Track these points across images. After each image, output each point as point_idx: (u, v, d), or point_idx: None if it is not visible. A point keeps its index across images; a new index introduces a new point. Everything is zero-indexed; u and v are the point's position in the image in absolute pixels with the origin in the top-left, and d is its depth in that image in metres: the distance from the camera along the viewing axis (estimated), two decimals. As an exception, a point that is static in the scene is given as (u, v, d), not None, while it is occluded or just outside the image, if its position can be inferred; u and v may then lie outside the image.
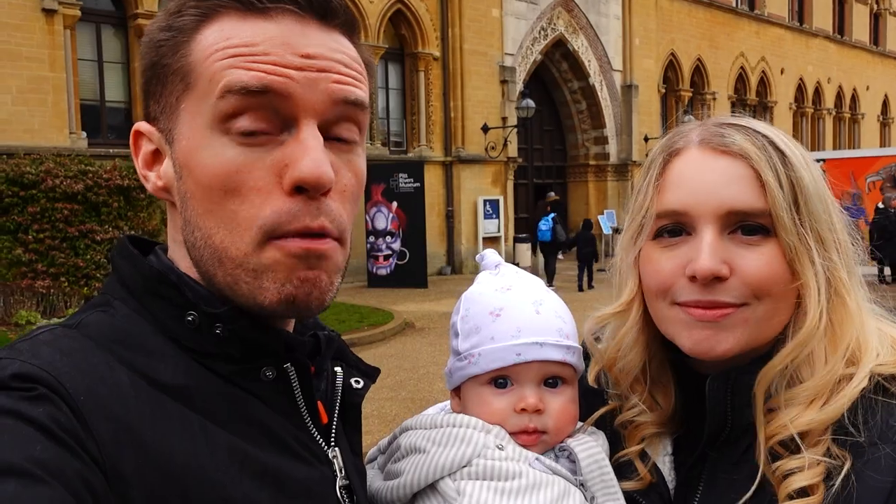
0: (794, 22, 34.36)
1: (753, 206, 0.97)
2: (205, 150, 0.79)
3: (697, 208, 0.99)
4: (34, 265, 10.91)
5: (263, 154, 0.79)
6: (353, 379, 0.98)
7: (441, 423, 1.09)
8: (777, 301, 0.98)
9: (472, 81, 20.58)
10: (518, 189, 22.80)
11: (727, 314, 0.97)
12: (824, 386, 0.95)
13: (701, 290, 0.98)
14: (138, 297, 0.84)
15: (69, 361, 0.73)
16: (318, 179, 0.78)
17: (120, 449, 0.70)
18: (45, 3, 13.85)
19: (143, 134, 0.87)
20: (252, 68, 0.77)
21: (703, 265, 0.96)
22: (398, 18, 19.81)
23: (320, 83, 0.80)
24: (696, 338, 0.99)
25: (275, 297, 0.80)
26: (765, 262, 0.97)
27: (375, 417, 7.18)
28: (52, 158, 11.56)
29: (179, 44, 0.81)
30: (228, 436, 0.79)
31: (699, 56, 29.06)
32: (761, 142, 1.00)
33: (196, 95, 0.80)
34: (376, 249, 17.74)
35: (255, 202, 0.78)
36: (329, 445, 0.91)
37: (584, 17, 23.85)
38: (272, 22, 0.80)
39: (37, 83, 13.75)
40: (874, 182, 16.97)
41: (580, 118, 25.28)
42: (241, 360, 0.84)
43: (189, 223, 0.83)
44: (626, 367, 1.13)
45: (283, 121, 0.79)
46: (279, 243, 0.79)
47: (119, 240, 0.90)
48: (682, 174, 1.02)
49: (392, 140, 20.35)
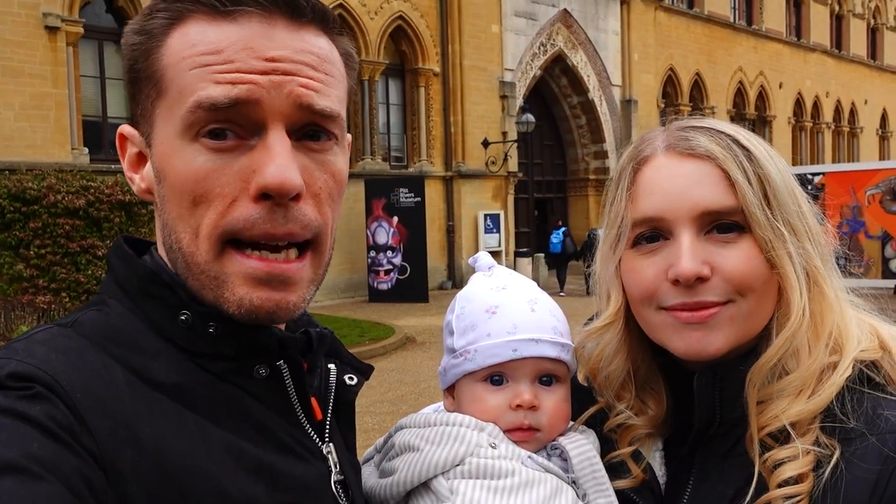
0: (791, 37, 34.47)
1: (725, 204, 0.99)
2: (176, 157, 0.81)
3: (672, 212, 1.01)
4: (35, 280, 10.91)
5: (232, 160, 0.79)
6: (346, 376, 0.98)
7: (435, 421, 1.10)
8: (760, 296, 1.00)
9: (472, 97, 20.64)
10: (518, 203, 22.81)
11: (714, 314, 0.99)
12: (810, 376, 0.97)
13: (685, 293, 1.00)
14: (133, 297, 0.85)
15: (65, 360, 0.74)
16: (281, 185, 0.77)
17: (117, 446, 0.71)
18: (47, 21, 13.93)
19: (127, 137, 0.89)
20: (220, 81, 0.78)
21: (684, 268, 0.98)
22: (398, 35, 19.90)
23: (285, 87, 0.80)
24: (688, 340, 1.01)
25: (235, 309, 0.81)
26: (743, 258, 0.99)
27: (376, 431, 7.17)
28: (54, 174, 11.59)
29: (150, 48, 0.82)
30: (223, 432, 0.79)
31: (698, 71, 29.14)
32: (725, 141, 1.02)
33: (167, 102, 0.82)
34: (377, 264, 17.73)
35: (219, 209, 0.79)
36: (323, 441, 0.92)
37: (583, 32, 23.94)
38: (236, 25, 0.79)
39: (39, 99, 13.81)
40: (874, 195, 16.94)
41: (580, 133, 25.33)
42: (234, 358, 0.84)
43: (166, 226, 0.84)
44: (610, 375, 1.14)
45: (251, 126, 0.80)
46: (240, 258, 0.80)
47: (116, 240, 0.91)
48: (652, 181, 1.04)
49: (393, 155, 20.39)
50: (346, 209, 17.44)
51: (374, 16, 18.96)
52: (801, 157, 34.42)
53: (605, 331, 1.13)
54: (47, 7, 13.99)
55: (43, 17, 13.92)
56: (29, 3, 13.81)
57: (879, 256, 16.67)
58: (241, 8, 0.79)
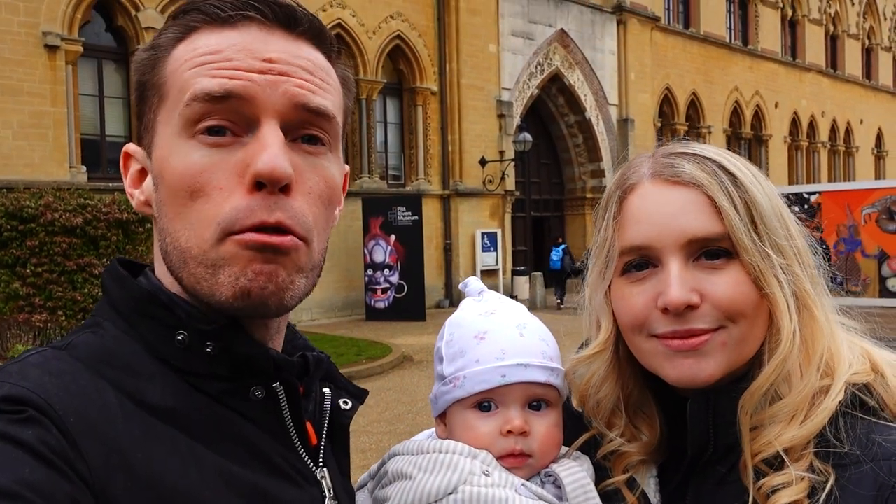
0: (787, 57, 34.73)
1: (712, 231, 0.99)
2: (174, 156, 0.82)
3: (659, 241, 1.01)
4: (31, 299, 10.86)
5: (227, 155, 0.81)
6: (341, 400, 0.98)
7: (427, 448, 1.09)
8: (751, 321, 1.00)
9: (469, 116, 20.74)
10: (516, 222, 22.85)
11: (705, 341, 0.99)
12: (802, 401, 0.97)
13: (675, 321, 0.99)
14: (127, 318, 0.85)
15: (58, 383, 0.73)
16: (271, 172, 0.79)
17: (109, 470, 0.70)
18: (47, 40, 14.00)
19: (131, 155, 0.91)
20: (216, 75, 0.80)
21: (673, 297, 0.98)
22: (396, 54, 20.02)
23: (280, 85, 0.82)
24: (679, 368, 1.00)
25: (229, 291, 0.80)
26: (732, 283, 0.99)
27: (373, 451, 7.14)
28: (51, 192, 11.57)
29: (158, 60, 0.85)
30: (216, 457, 0.79)
31: (694, 90, 29.32)
32: (711, 167, 1.02)
33: (168, 106, 0.83)
34: (374, 282, 17.72)
35: (217, 200, 0.80)
36: (318, 466, 0.91)
37: (580, 52, 24.10)
38: (237, 31, 0.83)
39: (38, 118, 13.85)
40: (870, 214, 17.00)
41: (577, 151, 25.43)
42: (230, 380, 0.84)
43: (163, 231, 0.85)
44: (599, 402, 1.13)
45: (246, 122, 0.82)
46: (236, 237, 0.79)
47: (110, 263, 0.91)
48: (639, 209, 1.04)
49: (390, 174, 20.44)
50: (344, 227, 17.46)
51: (373, 35, 19.08)
52: (797, 176, 34.57)
53: (595, 359, 1.12)
54: (47, 26, 14.07)
55: (43, 35, 13.99)
56: (29, 23, 13.88)
57: (876, 275, 16.70)
58: (242, 13, 0.83)
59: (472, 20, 20.73)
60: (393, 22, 19.57)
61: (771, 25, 33.54)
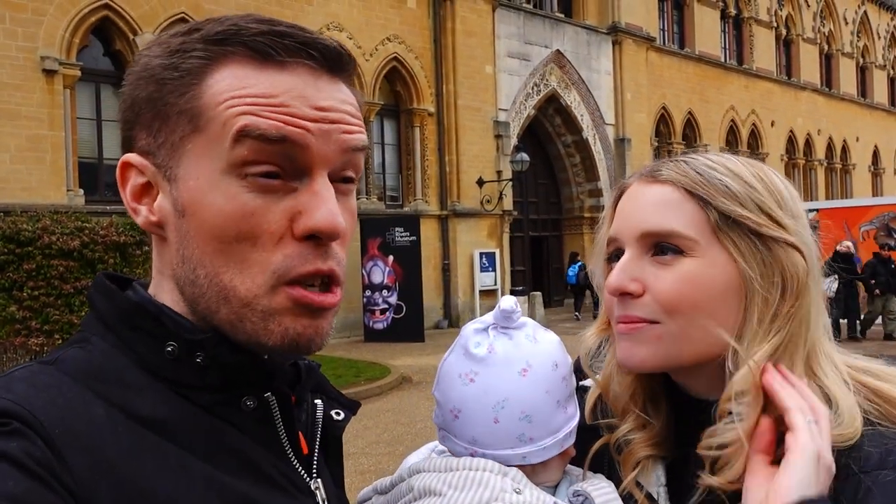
0: (782, 76, 34.95)
1: (664, 227, 1.03)
2: (218, 193, 0.80)
3: (622, 233, 1.08)
4: (28, 322, 10.83)
5: (277, 200, 0.80)
6: (333, 411, 0.97)
7: (457, 466, 1.07)
8: (690, 319, 1.01)
9: (466, 136, 20.81)
10: (514, 242, 22.85)
11: (638, 328, 1.04)
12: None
13: (620, 306, 1.06)
14: (116, 331, 0.83)
15: (44, 396, 0.73)
16: (333, 229, 0.81)
17: (96, 482, 0.70)
18: (45, 64, 14.07)
19: (134, 166, 0.86)
20: (270, 117, 0.79)
21: (609, 281, 1.06)
22: (393, 76, 20.14)
23: (333, 134, 0.82)
24: (621, 349, 1.07)
25: (278, 340, 0.81)
26: (672, 280, 1.02)
27: (372, 472, 7.08)
28: (48, 216, 11.57)
29: (188, 85, 0.81)
30: (208, 467, 0.78)
31: (690, 109, 29.47)
32: (693, 168, 1.06)
33: (206, 138, 0.80)
34: (373, 303, 17.68)
35: (267, 245, 0.80)
36: (311, 477, 0.90)
37: (576, 72, 24.24)
38: (288, 73, 0.81)
39: (35, 141, 13.88)
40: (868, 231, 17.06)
41: (574, 171, 25.50)
42: (221, 390, 0.83)
43: (189, 260, 0.83)
44: (618, 387, 1.15)
45: (296, 170, 0.81)
46: (290, 291, 0.80)
47: (96, 277, 0.90)
48: (622, 205, 1.12)
49: (388, 194, 20.48)
50: (342, 249, 17.44)
51: (370, 57, 19.19)
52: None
53: (597, 336, 1.18)
54: (45, 51, 14.14)
55: (41, 60, 14.06)
56: (27, 47, 13.95)
57: (875, 292, 16.69)
58: (296, 60, 0.81)
59: (468, 42, 20.87)
60: (389, 44, 19.70)
61: (765, 45, 33.77)
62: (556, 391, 1.10)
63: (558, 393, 1.10)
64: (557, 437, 1.10)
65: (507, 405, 1.07)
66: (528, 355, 1.09)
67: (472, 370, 1.09)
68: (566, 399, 1.12)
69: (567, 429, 1.12)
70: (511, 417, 1.07)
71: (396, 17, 19.95)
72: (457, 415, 1.09)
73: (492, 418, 1.07)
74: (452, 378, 1.11)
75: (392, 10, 19.86)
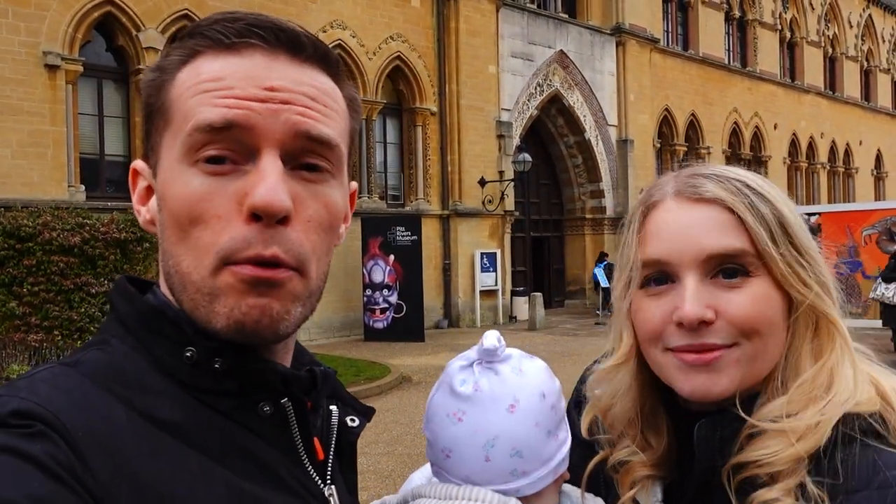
0: (785, 79, 34.91)
1: (731, 247, 1.00)
2: (175, 181, 0.82)
3: (678, 256, 1.02)
4: (28, 318, 10.84)
5: (227, 183, 0.81)
6: (348, 417, 0.97)
7: (456, 495, 1.05)
8: (766, 339, 1.00)
9: (469, 136, 20.78)
10: (515, 242, 22.82)
11: (718, 357, 1.00)
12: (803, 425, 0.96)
13: (690, 335, 1.00)
14: (135, 335, 0.85)
15: (67, 398, 0.74)
16: (268, 206, 0.79)
17: (118, 485, 0.71)
18: (48, 60, 14.04)
19: (139, 172, 0.91)
20: (217, 104, 0.81)
21: (687, 312, 0.99)
22: (396, 75, 20.11)
23: (282, 114, 0.82)
24: (693, 383, 1.01)
25: (224, 321, 0.81)
26: (748, 301, 1.00)
27: (371, 473, 7.06)
28: (49, 211, 11.58)
29: (163, 83, 0.85)
30: (225, 472, 0.79)
31: (693, 111, 29.42)
32: (734, 185, 1.04)
33: (172, 131, 0.84)
34: (373, 303, 17.67)
35: (215, 229, 0.80)
36: (325, 483, 0.90)
37: (580, 73, 24.20)
38: (239, 56, 0.83)
39: (37, 137, 13.86)
40: (870, 235, 17.01)
41: (576, 172, 25.47)
42: (238, 395, 0.84)
43: (166, 252, 0.85)
44: (620, 411, 1.13)
45: (247, 151, 0.82)
46: (233, 268, 0.80)
47: (117, 280, 0.92)
48: (660, 225, 1.06)
49: (390, 194, 20.46)
50: (343, 247, 17.43)
51: (373, 56, 19.17)
52: (797, 197, 34.61)
53: (618, 370, 1.13)
54: (48, 46, 14.11)
55: (43, 55, 14.03)
56: (29, 42, 13.93)
57: (877, 296, 16.66)
58: (245, 41, 0.82)
59: (471, 41, 20.83)
60: (393, 43, 19.67)
61: (769, 47, 33.72)
62: (546, 422, 1.07)
63: (548, 423, 1.08)
64: (550, 466, 1.08)
65: (497, 443, 1.04)
66: (515, 390, 1.06)
67: (459, 409, 1.06)
68: (556, 426, 1.10)
69: (560, 456, 1.10)
70: (502, 455, 1.04)
71: (400, 16, 19.92)
72: (448, 454, 1.07)
73: (483, 457, 1.05)
74: (441, 417, 1.08)
75: (396, 9, 19.82)
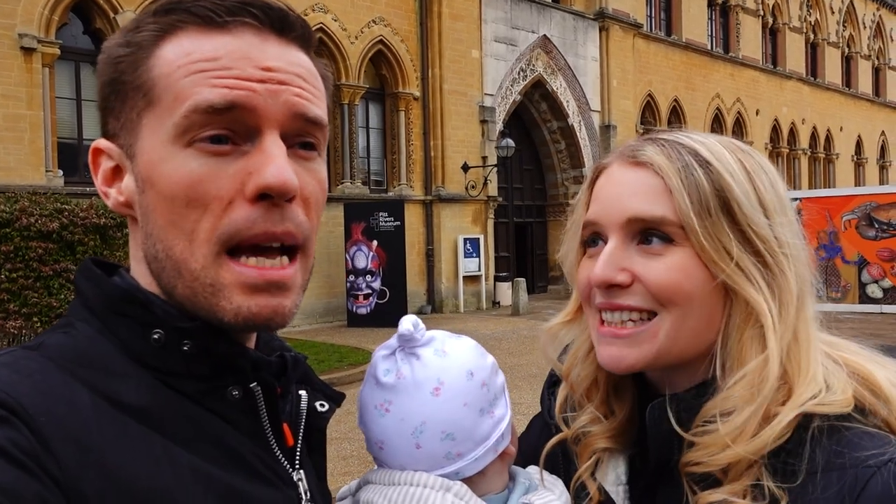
0: (767, 64, 35.05)
1: (653, 214, 0.98)
2: (168, 163, 0.80)
3: (605, 218, 1.02)
4: (6, 305, 10.71)
5: (226, 164, 0.80)
6: (317, 402, 0.96)
7: (399, 480, 1.03)
8: (685, 311, 0.97)
9: (452, 121, 20.71)
10: (498, 228, 22.83)
11: (631, 333, 0.99)
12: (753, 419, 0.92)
13: (604, 295, 1.00)
14: (101, 318, 0.83)
15: (29, 383, 0.72)
16: (283, 185, 0.78)
17: (82, 470, 0.70)
18: (23, 42, 13.82)
19: (103, 151, 0.87)
20: (217, 84, 0.79)
21: (595, 273, 1.00)
22: (379, 59, 19.98)
23: (281, 95, 0.81)
24: (606, 352, 1.01)
25: (232, 318, 0.80)
26: (663, 269, 0.97)
27: (355, 458, 7.04)
28: (27, 197, 11.43)
29: (139, 59, 0.82)
30: (192, 457, 0.77)
31: (676, 97, 29.51)
32: (676, 151, 1.00)
33: (159, 111, 0.81)
34: (356, 288, 17.63)
35: (215, 212, 0.79)
36: (294, 468, 0.89)
37: (563, 58, 24.16)
38: (231, 36, 0.81)
39: (13, 121, 13.65)
40: (850, 220, 17.14)
41: (559, 157, 25.48)
42: (207, 379, 0.82)
43: (151, 236, 0.83)
44: (580, 374, 1.12)
45: (246, 132, 0.81)
46: (236, 267, 0.79)
47: (83, 262, 0.89)
48: (601, 187, 1.06)
49: (372, 179, 20.37)
50: (325, 233, 17.36)
51: (355, 40, 19.02)
52: (777, 183, 34.80)
53: (564, 328, 1.14)
54: (23, 28, 13.89)
55: (19, 38, 13.80)
56: (4, 24, 13.70)
57: (856, 281, 16.85)
58: (237, 19, 0.81)
59: (454, 25, 20.73)
60: (375, 27, 19.53)
61: (752, 33, 33.82)
62: (476, 400, 1.05)
63: (479, 401, 1.05)
64: (488, 445, 1.05)
65: (426, 428, 1.02)
66: (439, 372, 1.04)
67: (385, 399, 1.05)
68: (490, 404, 1.07)
69: (497, 433, 1.07)
70: (433, 439, 1.02)
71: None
72: (381, 446, 1.06)
73: (413, 445, 1.03)
74: (369, 410, 1.06)
75: (378, -7, 19.68)
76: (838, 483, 0.85)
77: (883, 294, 16.67)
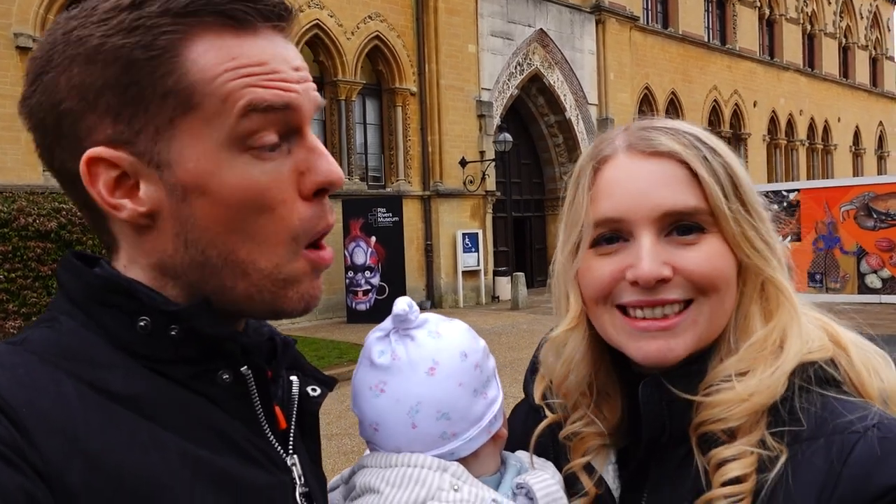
0: (764, 56, 35.00)
1: (686, 204, 0.98)
2: (227, 171, 0.80)
3: (633, 214, 1.00)
4: (5, 305, 10.72)
5: (280, 166, 0.83)
6: (309, 387, 0.96)
7: (396, 462, 1.04)
8: (722, 295, 1.00)
9: (449, 116, 20.68)
10: (497, 222, 22.82)
11: (676, 322, 0.98)
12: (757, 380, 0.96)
13: (645, 292, 0.99)
14: (85, 310, 0.82)
15: (10, 375, 0.73)
16: (340, 178, 0.86)
17: (66, 460, 0.70)
18: (19, 41, 13.80)
19: (105, 160, 0.79)
20: (269, 86, 0.81)
21: (643, 270, 0.97)
22: (375, 54, 19.94)
23: (310, 91, 0.86)
24: (647, 349, 1.00)
25: (296, 304, 0.85)
26: (705, 257, 0.98)
27: (356, 454, 7.03)
28: (24, 196, 11.42)
29: (166, 64, 0.77)
30: (182, 442, 0.77)
31: (673, 90, 29.47)
32: (687, 138, 1.01)
33: (203, 116, 0.78)
34: (355, 284, 17.63)
35: (282, 214, 0.82)
36: (287, 453, 0.89)
37: (560, 52, 24.12)
38: (262, 38, 0.82)
39: (10, 121, 13.62)
40: (848, 211, 17.12)
41: (557, 151, 25.45)
42: (196, 363, 0.82)
43: (195, 243, 0.81)
44: (574, 380, 1.11)
45: (289, 130, 0.84)
46: (308, 254, 0.85)
47: (64, 256, 0.88)
48: (613, 181, 1.03)
49: (370, 175, 20.35)
50: (324, 229, 17.32)
51: (351, 36, 18.97)
52: (776, 174, 34.84)
53: (568, 336, 1.10)
54: (18, 27, 13.86)
55: (14, 37, 13.78)
56: (0, 24, 13.65)
57: (855, 272, 16.83)
58: (267, 24, 0.83)
59: (451, 20, 20.68)
60: (371, 22, 19.48)
61: (749, 25, 33.78)
62: (470, 381, 1.07)
63: (473, 382, 1.07)
64: (482, 426, 1.08)
65: (422, 408, 1.04)
66: (434, 352, 1.06)
67: (380, 380, 1.06)
68: (484, 385, 1.09)
69: (490, 414, 1.09)
70: (428, 419, 1.04)
71: (378, -5, 19.74)
72: (376, 428, 1.07)
73: (409, 424, 1.04)
74: (364, 392, 1.08)
75: (374, -12, 19.64)
76: (825, 448, 0.89)
77: (882, 284, 16.65)
